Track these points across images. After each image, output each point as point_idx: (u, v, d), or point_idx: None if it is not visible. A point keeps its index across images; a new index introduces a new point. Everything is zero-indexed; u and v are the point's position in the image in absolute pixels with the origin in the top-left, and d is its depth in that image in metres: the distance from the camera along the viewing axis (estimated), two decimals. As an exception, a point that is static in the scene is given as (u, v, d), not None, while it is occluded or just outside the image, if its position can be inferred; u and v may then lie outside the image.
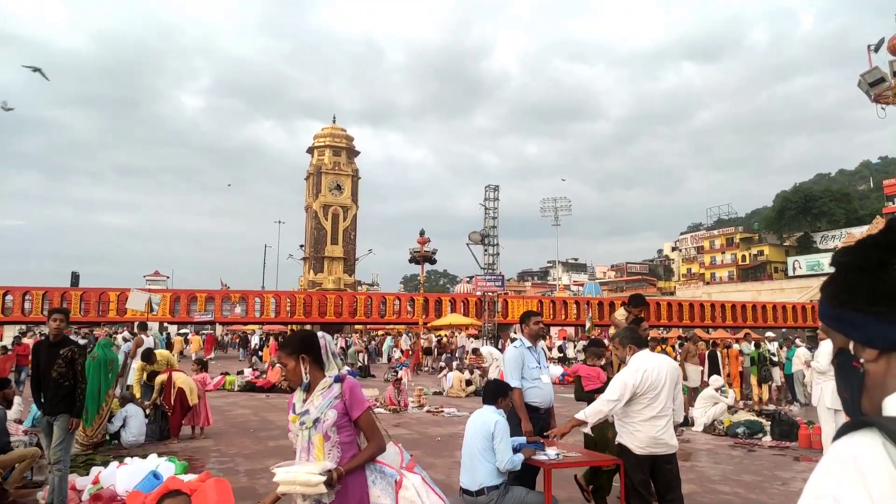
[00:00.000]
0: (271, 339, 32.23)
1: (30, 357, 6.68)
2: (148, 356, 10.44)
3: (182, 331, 40.69)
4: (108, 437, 8.91)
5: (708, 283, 71.19)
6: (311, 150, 52.87)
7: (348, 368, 3.18)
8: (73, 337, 27.48)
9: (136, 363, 11.04)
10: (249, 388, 17.78)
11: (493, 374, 15.13)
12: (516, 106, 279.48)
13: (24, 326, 34.95)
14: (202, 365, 10.95)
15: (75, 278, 42.11)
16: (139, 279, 61.87)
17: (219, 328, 43.95)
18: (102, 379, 8.58)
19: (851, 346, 1.05)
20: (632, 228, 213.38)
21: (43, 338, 7.42)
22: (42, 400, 6.01)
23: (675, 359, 10.35)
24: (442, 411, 13.74)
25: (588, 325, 21.04)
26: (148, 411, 9.83)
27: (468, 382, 17.50)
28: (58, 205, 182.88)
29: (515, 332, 31.69)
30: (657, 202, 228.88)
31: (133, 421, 8.99)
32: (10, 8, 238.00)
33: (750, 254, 72.31)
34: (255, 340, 31.70)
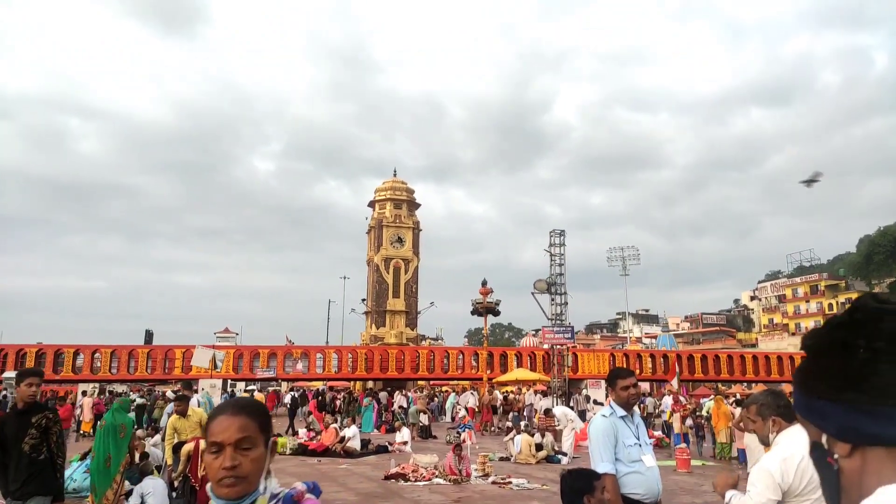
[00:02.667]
0: (307, 394, 30.79)
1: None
2: (181, 400, 9.09)
3: (250, 387, 40.36)
4: (125, 517, 7.80)
5: (793, 334, 66.50)
6: (371, 204, 52.95)
7: (307, 483, 1.62)
8: (132, 395, 27.31)
9: (169, 420, 9.88)
10: (301, 450, 16.57)
11: (567, 438, 13.43)
12: (578, 157, 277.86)
13: (94, 386, 35.20)
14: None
15: (149, 336, 42.89)
16: (210, 336, 62.77)
17: (284, 384, 43.48)
18: (112, 448, 7.51)
19: (824, 438, 0.89)
20: (704, 278, 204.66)
21: (9, 407, 6.41)
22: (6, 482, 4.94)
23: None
24: (510, 482, 12.09)
25: (675, 384, 18.93)
26: (176, 483, 8.70)
27: (539, 447, 15.74)
28: (138, 267, 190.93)
29: (586, 388, 29.69)
30: (730, 250, 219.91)
31: (152, 500, 7.86)
32: (102, 87, 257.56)
33: (837, 302, 67.54)
34: (287, 399, 29.27)
